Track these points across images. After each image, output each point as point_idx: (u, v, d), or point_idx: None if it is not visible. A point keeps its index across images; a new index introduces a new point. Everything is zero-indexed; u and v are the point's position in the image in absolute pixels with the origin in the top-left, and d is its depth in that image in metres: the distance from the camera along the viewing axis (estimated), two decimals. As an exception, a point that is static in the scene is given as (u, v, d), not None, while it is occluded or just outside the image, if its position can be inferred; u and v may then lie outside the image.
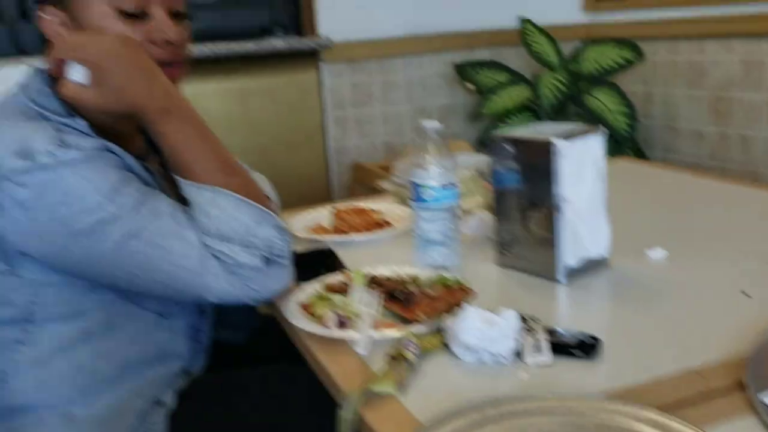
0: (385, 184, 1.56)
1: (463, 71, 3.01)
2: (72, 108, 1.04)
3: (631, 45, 2.72)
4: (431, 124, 1.12)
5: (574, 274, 1.08)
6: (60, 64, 0.98)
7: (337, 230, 1.38)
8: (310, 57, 2.84)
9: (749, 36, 2.48)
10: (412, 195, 1.13)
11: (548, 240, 1.07)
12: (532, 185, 1.07)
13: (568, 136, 1.04)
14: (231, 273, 0.97)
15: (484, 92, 2.93)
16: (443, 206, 1.12)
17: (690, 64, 2.71)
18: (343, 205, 1.52)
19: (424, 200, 1.11)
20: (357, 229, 1.37)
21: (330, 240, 1.33)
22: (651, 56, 2.81)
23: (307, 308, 1.00)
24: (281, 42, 2.66)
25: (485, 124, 3.06)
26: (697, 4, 2.60)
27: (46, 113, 1.01)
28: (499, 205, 1.14)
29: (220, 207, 0.97)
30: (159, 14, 1.04)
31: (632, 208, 1.43)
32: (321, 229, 1.41)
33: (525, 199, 1.09)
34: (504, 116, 2.82)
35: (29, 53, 2.36)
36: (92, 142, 0.97)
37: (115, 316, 1.04)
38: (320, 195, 2.93)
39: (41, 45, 1.09)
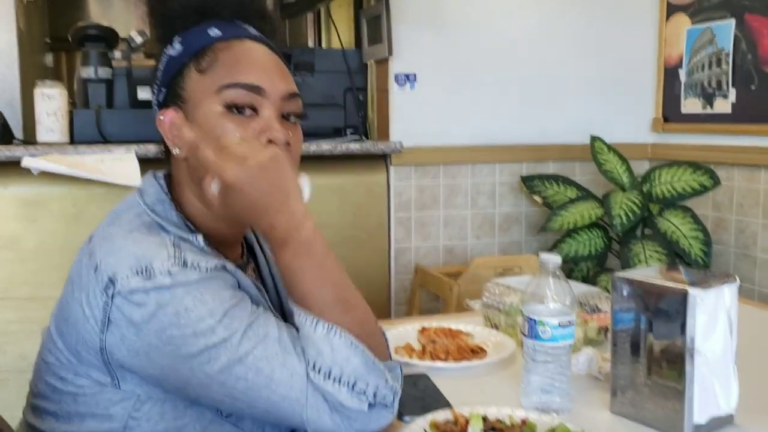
0: (474, 305, 1.51)
1: (530, 183, 3.00)
2: (190, 220, 1.02)
3: (708, 171, 2.69)
4: (551, 258, 1.08)
5: (700, 431, 1.00)
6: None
7: (430, 354, 1.32)
8: (380, 159, 2.87)
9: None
10: (526, 330, 1.08)
11: (673, 392, 1.00)
12: (659, 332, 1.01)
13: (701, 284, 0.99)
14: (334, 410, 0.92)
15: (551, 206, 2.90)
16: (560, 346, 1.06)
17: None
18: (430, 323, 1.47)
19: (539, 338, 1.06)
20: (451, 354, 1.30)
21: (423, 365, 1.26)
22: (724, 182, 2.77)
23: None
24: (356, 144, 2.68)
25: (549, 238, 3.03)
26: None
27: (165, 224, 0.99)
28: (616, 347, 1.08)
29: (332, 346, 0.92)
30: (267, 114, 1.00)
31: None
32: (410, 350, 1.34)
33: (648, 344, 1.03)
34: (572, 232, 2.78)
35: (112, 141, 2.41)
36: (210, 262, 0.94)
37: (210, 435, 0.99)
38: (381, 293, 2.88)
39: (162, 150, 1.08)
